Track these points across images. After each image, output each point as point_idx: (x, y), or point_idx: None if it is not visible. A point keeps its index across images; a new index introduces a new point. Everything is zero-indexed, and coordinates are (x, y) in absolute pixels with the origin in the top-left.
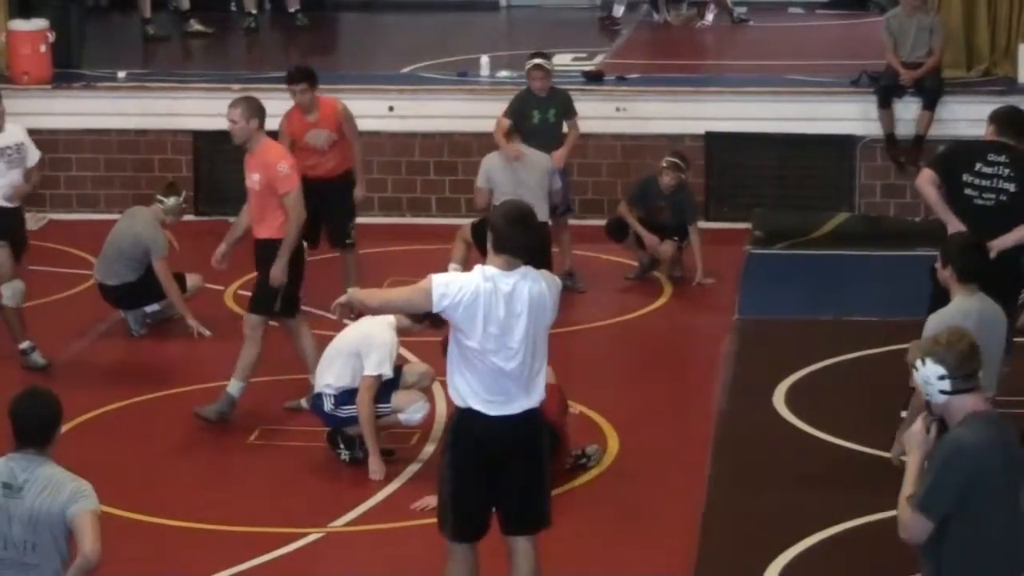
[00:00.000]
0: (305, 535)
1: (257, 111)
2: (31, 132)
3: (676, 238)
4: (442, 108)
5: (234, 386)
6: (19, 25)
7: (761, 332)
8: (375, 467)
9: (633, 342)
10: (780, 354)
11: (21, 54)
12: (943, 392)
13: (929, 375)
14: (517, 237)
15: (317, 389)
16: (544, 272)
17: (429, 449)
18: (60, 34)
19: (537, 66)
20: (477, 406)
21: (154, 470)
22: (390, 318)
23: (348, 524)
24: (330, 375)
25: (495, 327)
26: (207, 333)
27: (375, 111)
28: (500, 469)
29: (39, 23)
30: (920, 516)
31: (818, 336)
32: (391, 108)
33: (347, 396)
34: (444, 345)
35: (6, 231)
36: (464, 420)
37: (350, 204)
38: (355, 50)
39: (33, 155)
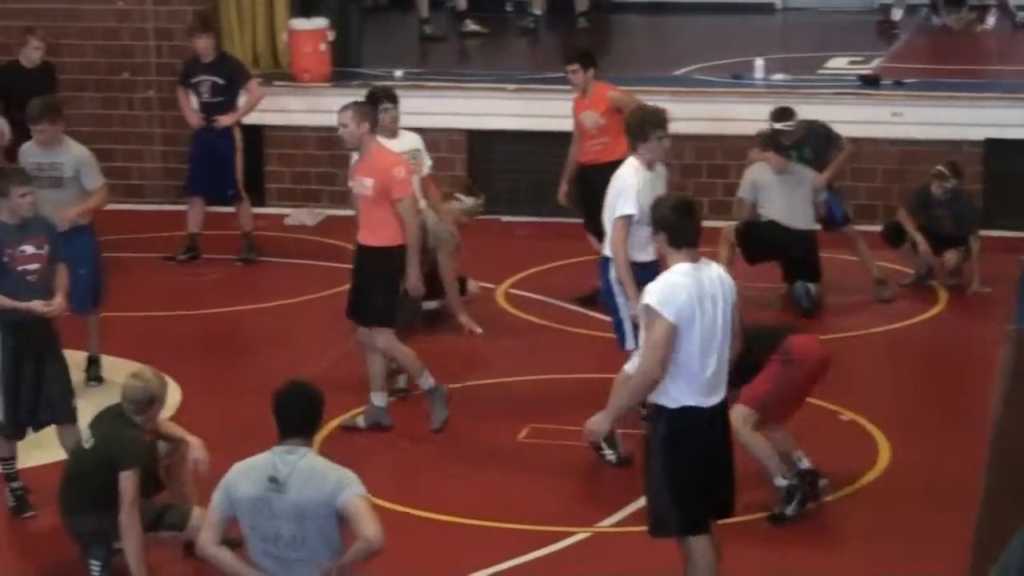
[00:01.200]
0: (572, 534)
1: (368, 115)
2: (309, 129)
3: (961, 247)
4: (715, 111)
5: (377, 397)
6: (300, 24)
7: None
8: None
9: (906, 350)
10: None
11: (302, 52)
12: None
13: None
14: (691, 227)
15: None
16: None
17: None
18: (339, 33)
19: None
20: (692, 402)
21: (424, 465)
22: None
23: (615, 525)
24: None
25: (708, 319)
26: (478, 331)
27: None
28: (716, 456)
29: (319, 22)
30: None
31: None
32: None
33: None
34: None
35: None
36: (680, 419)
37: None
38: (630, 52)
39: (426, 162)
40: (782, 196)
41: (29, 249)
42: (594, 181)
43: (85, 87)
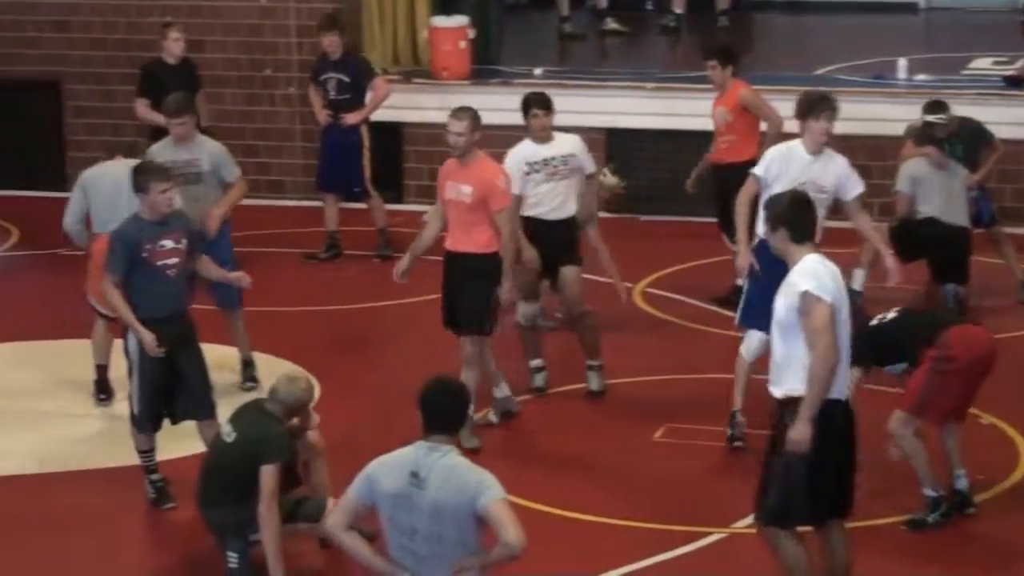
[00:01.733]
0: (708, 534)
1: (480, 124)
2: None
3: None
4: (857, 111)
5: (498, 391)
6: (441, 22)
7: None
8: None
9: None
10: None
11: (442, 50)
12: None
13: None
14: (811, 221)
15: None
16: None
17: None
18: (479, 31)
19: None
20: (835, 394)
21: (561, 464)
22: None
23: (751, 526)
24: None
25: (845, 312)
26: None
27: (789, 113)
28: (849, 450)
29: (459, 20)
30: None
31: None
32: None
33: None
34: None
35: None
36: (828, 413)
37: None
38: (771, 52)
39: (588, 166)
40: (941, 191)
41: (168, 244)
42: (723, 180)
43: (227, 83)
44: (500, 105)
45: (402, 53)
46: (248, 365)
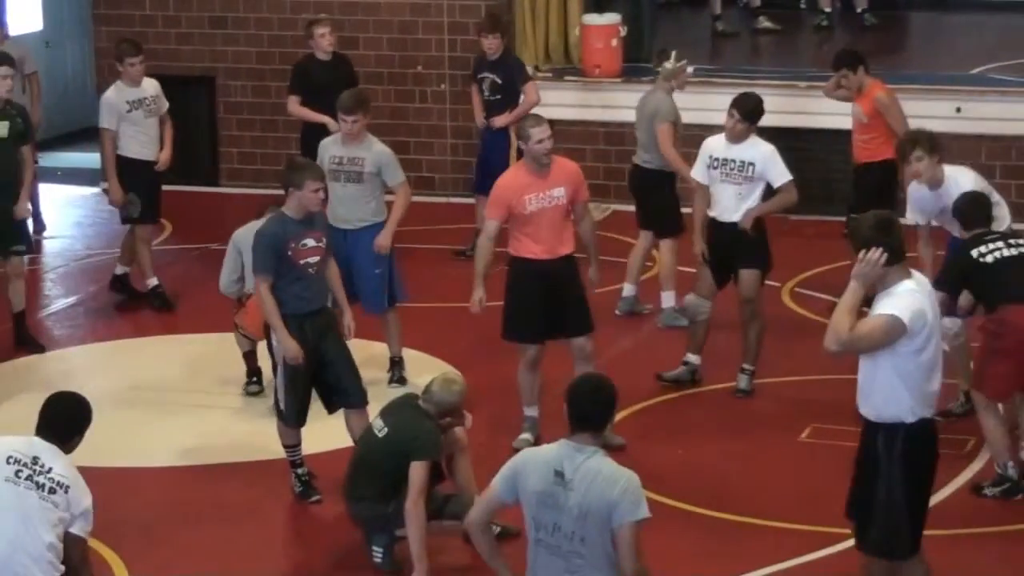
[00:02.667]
0: (847, 537)
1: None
2: (598, 124)
3: None
4: (1010, 111)
5: None
6: (593, 19)
7: None
8: None
9: None
10: None
11: (594, 48)
12: None
13: None
14: (902, 238)
15: None
16: None
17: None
18: (632, 28)
19: None
20: (929, 414)
21: (705, 463)
22: None
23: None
24: None
25: (936, 331)
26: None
27: (942, 112)
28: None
29: (612, 17)
30: None
31: None
32: (958, 109)
33: None
34: None
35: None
36: (922, 431)
37: (875, 194)
38: (924, 50)
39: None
40: None
41: (311, 242)
42: (859, 178)
43: (379, 80)
44: None
45: (554, 51)
46: (396, 364)
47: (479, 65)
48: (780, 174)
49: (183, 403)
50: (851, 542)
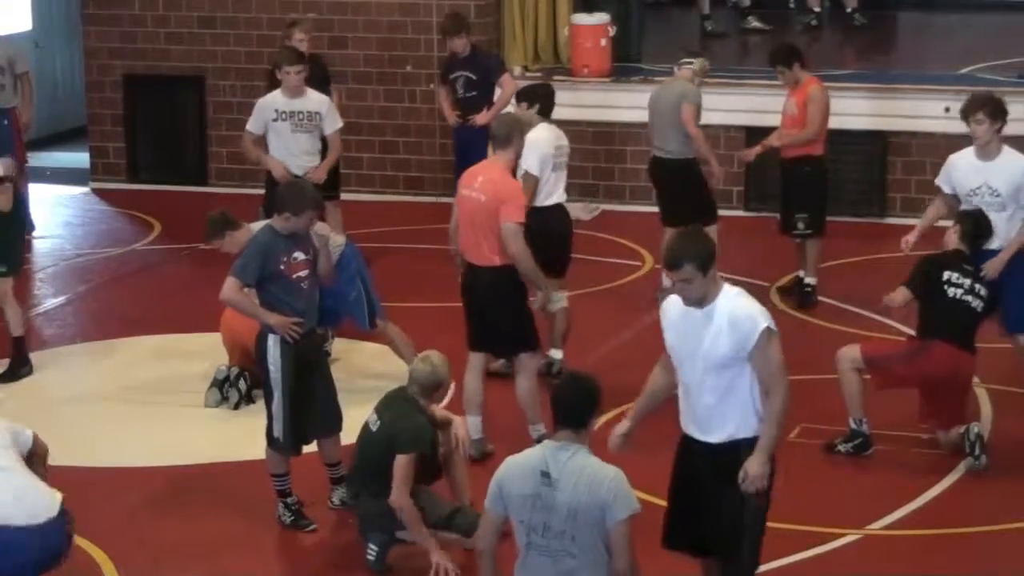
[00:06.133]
0: (842, 535)
1: None
2: (587, 124)
3: None
4: None
5: None
6: (582, 19)
7: None
8: None
9: None
10: None
11: (582, 47)
12: None
13: None
14: None
15: None
16: None
17: None
18: (620, 28)
19: None
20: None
21: None
22: None
23: (886, 527)
24: None
25: None
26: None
27: (931, 111)
28: None
29: (601, 17)
30: None
31: None
32: (947, 109)
33: None
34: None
35: None
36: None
37: (806, 191)
38: (913, 49)
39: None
40: None
41: (300, 255)
42: (786, 173)
43: (368, 80)
44: (640, 103)
45: (543, 50)
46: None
47: (451, 65)
48: None
49: (173, 403)
50: (841, 541)
